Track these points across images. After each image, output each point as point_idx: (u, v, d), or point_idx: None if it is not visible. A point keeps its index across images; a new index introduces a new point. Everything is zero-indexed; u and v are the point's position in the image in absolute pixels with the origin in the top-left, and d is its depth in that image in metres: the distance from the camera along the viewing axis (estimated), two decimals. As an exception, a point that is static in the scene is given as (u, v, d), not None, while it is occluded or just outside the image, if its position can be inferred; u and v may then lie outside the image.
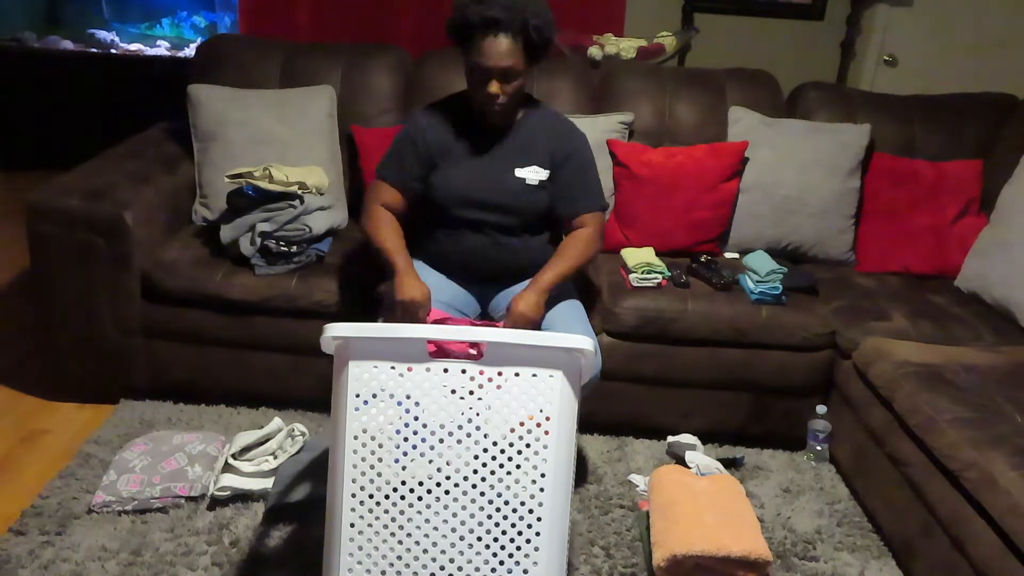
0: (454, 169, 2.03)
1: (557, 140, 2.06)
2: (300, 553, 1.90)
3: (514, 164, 2.03)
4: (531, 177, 2.04)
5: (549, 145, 2.05)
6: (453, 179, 2.03)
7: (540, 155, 2.05)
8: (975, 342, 2.22)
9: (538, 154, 2.04)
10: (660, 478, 2.07)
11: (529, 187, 2.03)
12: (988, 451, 1.69)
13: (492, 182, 2.03)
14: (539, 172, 2.04)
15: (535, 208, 2.07)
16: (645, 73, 2.88)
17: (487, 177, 2.03)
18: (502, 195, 2.03)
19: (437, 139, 2.04)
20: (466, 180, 2.03)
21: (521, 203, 2.04)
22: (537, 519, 1.36)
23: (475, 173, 2.03)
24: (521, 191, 2.03)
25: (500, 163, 2.04)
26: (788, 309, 2.34)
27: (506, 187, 2.03)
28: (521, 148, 2.04)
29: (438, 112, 2.08)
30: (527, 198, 2.04)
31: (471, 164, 2.04)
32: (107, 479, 2.05)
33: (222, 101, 2.58)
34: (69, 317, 2.35)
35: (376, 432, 1.37)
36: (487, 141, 2.05)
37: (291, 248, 2.32)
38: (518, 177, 2.03)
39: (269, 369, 2.41)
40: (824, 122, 2.75)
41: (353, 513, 1.37)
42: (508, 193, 2.03)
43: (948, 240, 2.60)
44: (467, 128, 2.04)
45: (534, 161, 2.04)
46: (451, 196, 2.04)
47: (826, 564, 1.99)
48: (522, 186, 2.03)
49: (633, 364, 2.35)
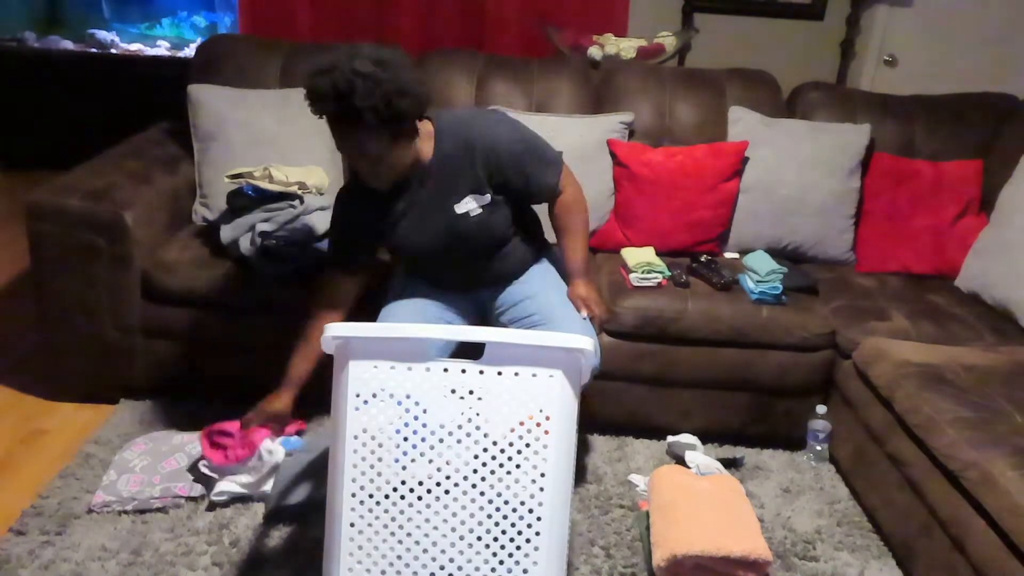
0: (396, 231, 1.93)
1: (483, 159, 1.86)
2: (300, 553, 1.90)
3: (450, 202, 1.89)
4: (474, 208, 1.89)
5: (477, 171, 1.87)
6: (400, 239, 1.94)
7: (471, 183, 1.89)
8: (975, 342, 2.22)
9: (468, 183, 1.89)
10: (660, 478, 2.07)
11: (476, 218, 1.90)
12: (988, 451, 1.69)
13: (438, 229, 1.91)
14: (479, 199, 1.89)
15: (493, 233, 1.96)
16: (645, 73, 2.88)
17: (431, 227, 1.91)
18: (453, 237, 1.91)
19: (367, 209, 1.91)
20: (413, 238, 1.93)
21: (476, 235, 1.93)
22: (537, 519, 1.36)
23: (417, 228, 1.92)
24: (471, 224, 1.90)
25: (435, 207, 1.90)
26: (788, 309, 2.34)
27: (454, 227, 1.90)
28: (448, 184, 1.88)
29: (351, 188, 1.95)
30: (479, 229, 1.92)
31: (408, 219, 1.91)
32: (107, 479, 2.05)
33: (222, 101, 2.58)
34: (69, 317, 2.35)
35: (376, 432, 1.37)
36: (411, 192, 1.90)
37: (291, 248, 2.32)
38: (460, 213, 1.89)
39: (269, 369, 2.40)
40: (824, 122, 2.76)
41: (353, 513, 1.37)
42: (458, 233, 1.91)
43: (948, 240, 2.60)
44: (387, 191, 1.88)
45: (466, 191, 1.89)
46: (411, 253, 1.98)
47: (826, 564, 2.00)
48: (468, 220, 1.90)
49: (633, 364, 2.35)
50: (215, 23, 4.81)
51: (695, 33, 3.75)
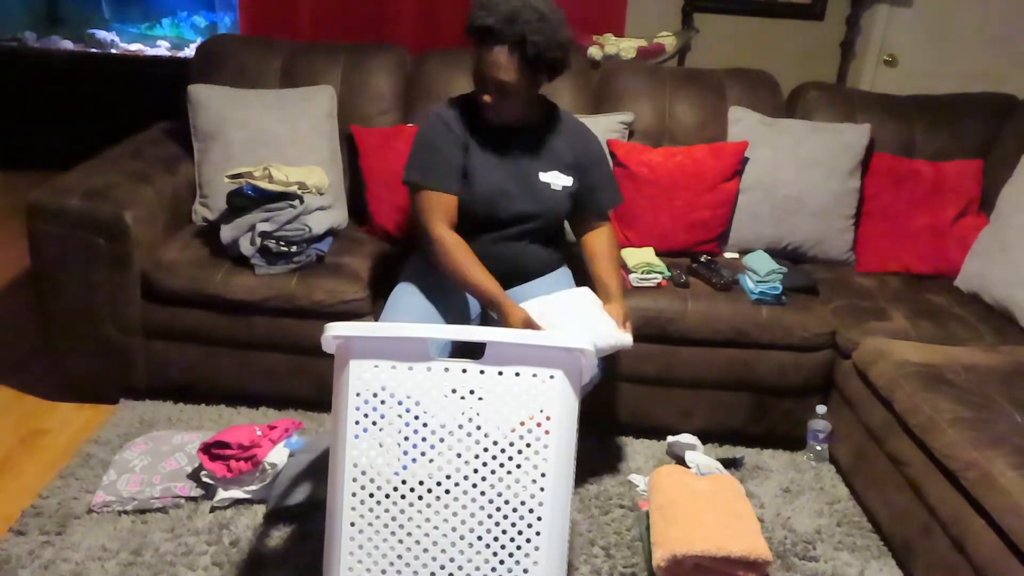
0: (480, 172, 1.98)
1: (579, 145, 2.07)
2: (300, 553, 1.90)
3: (538, 168, 2.03)
4: (555, 182, 2.04)
5: (572, 151, 2.05)
6: (482, 182, 1.98)
7: (562, 161, 2.04)
8: (975, 342, 2.22)
9: (560, 160, 2.04)
10: (660, 478, 2.07)
11: (555, 192, 2.04)
12: (988, 451, 1.69)
13: (519, 185, 2.01)
14: (561, 178, 2.04)
15: (558, 213, 2.08)
16: (645, 73, 2.88)
17: (514, 181, 2.01)
18: (529, 199, 2.02)
19: (463, 135, 1.98)
20: (495, 183, 1.99)
21: (547, 207, 2.04)
22: (537, 519, 1.36)
23: (502, 176, 2.00)
24: (547, 196, 2.03)
25: (524, 167, 2.02)
26: (788, 309, 2.34)
27: (533, 191, 2.02)
28: (543, 152, 2.03)
29: (456, 108, 2.01)
30: (553, 203, 2.05)
31: (496, 167, 2.00)
32: (107, 479, 2.05)
33: (222, 101, 2.58)
34: (69, 317, 2.35)
35: (376, 432, 1.37)
36: (508, 143, 2.01)
37: (291, 248, 2.32)
38: (543, 182, 2.03)
39: (269, 369, 2.41)
40: (824, 122, 2.75)
41: (353, 512, 1.37)
42: (535, 197, 2.02)
43: (948, 240, 2.60)
44: (486, 129, 1.99)
45: (555, 166, 2.04)
46: (480, 199, 1.99)
47: (826, 564, 2.00)
48: (548, 191, 2.03)
49: (633, 364, 2.35)
50: (215, 23, 4.81)
51: (695, 33, 3.75)
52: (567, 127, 2.08)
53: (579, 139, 2.08)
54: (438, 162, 1.95)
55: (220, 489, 2.03)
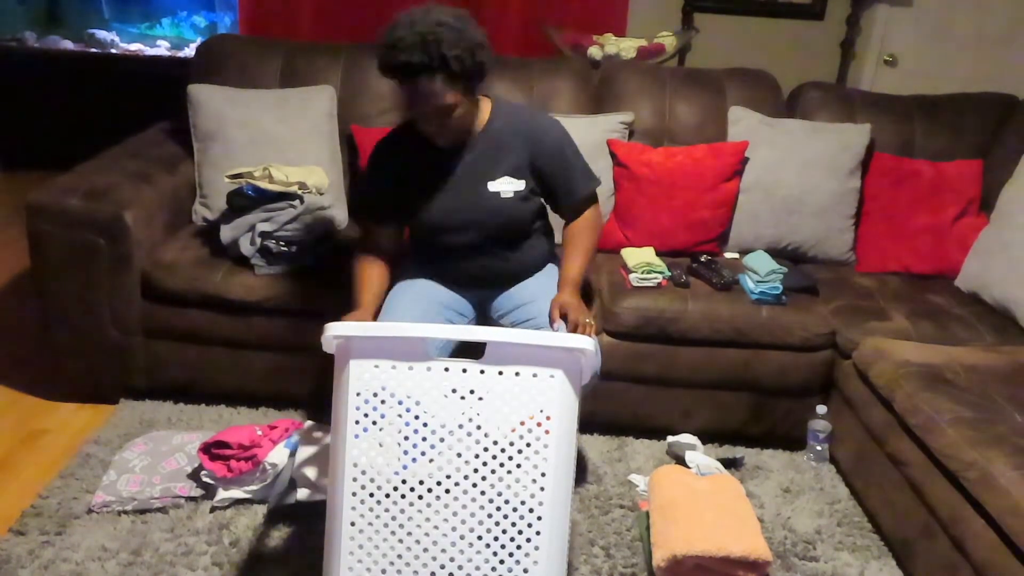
0: (426, 198, 1.95)
1: (529, 145, 1.95)
2: (300, 553, 1.90)
3: (485, 179, 1.94)
4: (505, 189, 1.94)
5: (521, 153, 1.95)
6: (426, 208, 1.95)
7: (511, 165, 1.95)
8: (975, 342, 2.22)
9: (509, 164, 1.95)
10: (660, 478, 2.07)
11: (506, 200, 1.95)
12: (988, 451, 1.69)
13: (468, 201, 1.95)
14: (512, 183, 1.95)
15: (517, 220, 2.00)
16: (645, 73, 2.88)
17: (461, 198, 1.95)
18: (479, 213, 1.95)
19: (398, 170, 1.96)
20: (439, 206, 1.95)
21: (502, 218, 1.97)
22: (537, 519, 1.36)
23: (448, 196, 1.95)
24: (499, 206, 1.95)
25: (470, 181, 1.94)
26: (788, 309, 2.34)
27: (482, 205, 1.95)
28: (489, 161, 1.94)
29: (397, 139, 1.99)
30: (506, 212, 1.96)
31: (440, 188, 1.95)
32: (107, 479, 2.05)
33: (222, 101, 2.58)
34: (69, 317, 2.35)
35: (376, 432, 1.37)
36: (452, 160, 1.94)
37: (291, 248, 2.32)
38: (492, 191, 1.94)
39: (269, 369, 2.41)
40: (824, 122, 2.75)
41: (353, 512, 1.37)
42: (485, 210, 1.95)
43: (948, 240, 2.60)
44: (427, 151, 1.92)
45: (504, 172, 1.94)
46: (431, 225, 1.98)
47: (826, 564, 1.99)
48: (498, 200, 1.95)
49: (633, 364, 2.35)
50: (215, 23, 4.81)
51: (695, 33, 3.76)
52: (513, 128, 1.95)
53: (528, 138, 1.95)
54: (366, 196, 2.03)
55: (220, 489, 2.03)
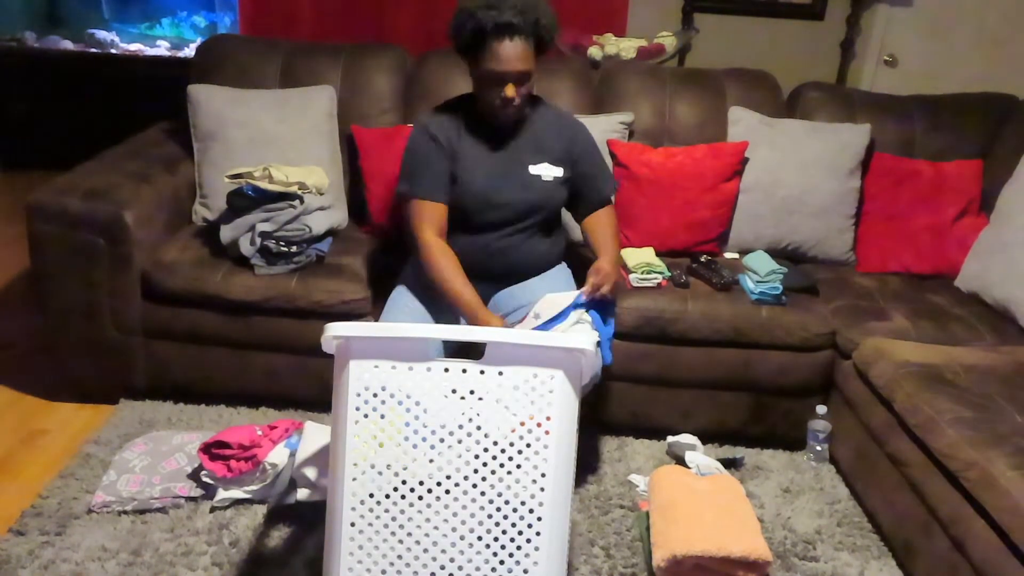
0: (470, 172, 2.03)
1: (568, 137, 2.10)
2: (300, 553, 1.90)
3: (527, 162, 2.06)
4: (546, 174, 2.07)
5: (560, 143, 2.09)
6: (472, 182, 2.03)
7: (552, 153, 2.08)
8: (975, 342, 2.22)
9: (550, 151, 2.07)
10: (660, 478, 2.07)
11: (546, 184, 2.07)
12: (988, 451, 1.69)
13: (510, 180, 2.05)
14: (552, 169, 2.07)
15: (554, 204, 2.11)
16: (645, 73, 2.88)
17: (505, 176, 2.05)
18: (522, 192, 2.05)
19: (448, 143, 2.04)
20: (485, 181, 2.04)
21: (541, 199, 2.07)
22: (537, 519, 1.36)
23: (492, 173, 2.04)
24: (540, 188, 2.06)
25: (513, 162, 2.06)
26: (788, 309, 2.34)
27: (525, 184, 2.05)
28: (531, 146, 2.07)
29: (441, 116, 2.08)
30: (546, 194, 2.07)
31: (486, 165, 2.04)
32: (107, 479, 2.05)
33: (222, 101, 2.58)
34: (69, 317, 2.35)
35: (376, 432, 1.37)
36: (496, 141, 2.06)
37: (291, 248, 2.32)
38: (533, 174, 2.06)
39: (269, 369, 2.41)
40: (824, 122, 2.75)
41: (353, 513, 1.37)
42: (527, 190, 2.05)
43: (948, 240, 2.60)
44: (474, 130, 2.05)
45: (546, 158, 2.07)
46: (472, 199, 2.04)
47: (826, 564, 1.99)
48: (540, 183, 2.06)
49: (633, 364, 2.35)
50: (215, 23, 4.81)
51: (695, 33, 3.75)
52: (554, 119, 2.11)
53: (566, 130, 2.11)
54: (425, 173, 2.02)
55: (220, 489, 2.03)
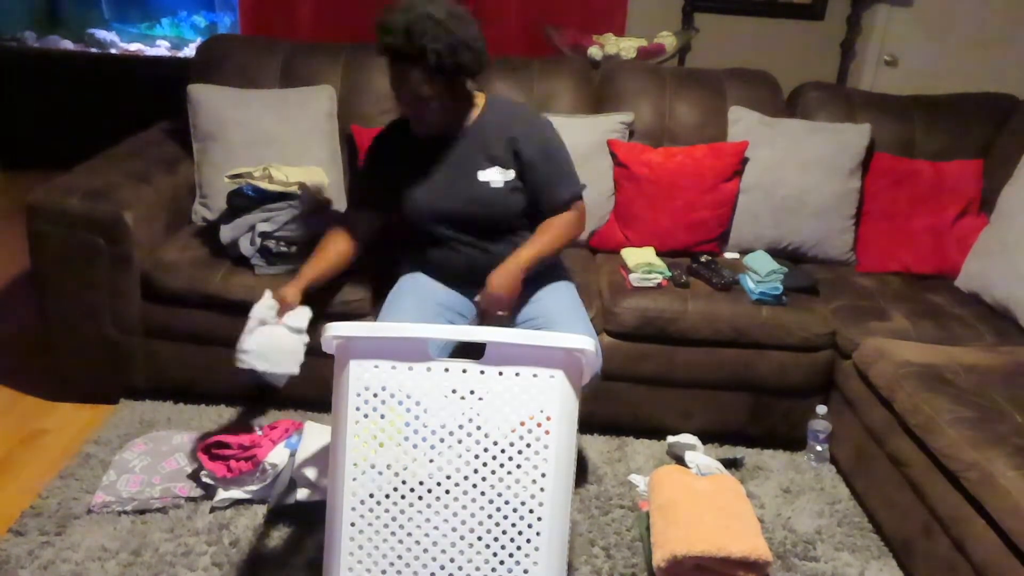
0: (415, 186, 2.01)
1: (519, 137, 1.97)
2: (300, 553, 1.90)
3: (475, 168, 1.98)
4: (495, 179, 1.98)
5: (510, 145, 1.97)
6: (417, 196, 2.01)
7: (501, 156, 1.98)
8: (975, 342, 2.22)
9: (499, 155, 1.98)
10: (660, 478, 2.07)
11: (496, 190, 1.98)
12: (988, 451, 1.69)
13: (454, 191, 1.99)
14: (503, 173, 1.98)
15: (508, 210, 2.01)
16: (645, 73, 2.88)
17: (449, 186, 1.99)
18: (467, 203, 1.98)
19: (390, 161, 2.02)
20: (430, 194, 2.00)
21: (493, 209, 1.99)
22: (537, 519, 1.36)
23: (435, 185, 2.00)
24: (489, 196, 1.98)
25: (460, 170, 1.99)
26: (788, 309, 2.34)
27: (472, 194, 1.98)
28: (479, 151, 1.98)
29: (387, 134, 2.08)
30: (497, 202, 1.99)
31: (431, 177, 2.00)
32: (107, 479, 2.05)
33: (222, 101, 2.58)
34: (69, 317, 2.35)
35: (376, 432, 1.37)
36: (442, 151, 2.00)
37: (291, 248, 2.32)
38: (482, 181, 1.97)
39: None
40: (824, 122, 2.75)
41: (353, 513, 1.37)
42: (475, 200, 1.98)
43: (948, 240, 2.60)
44: (419, 143, 1.99)
45: (495, 163, 1.98)
46: (419, 213, 2.02)
47: (826, 564, 1.99)
48: (488, 190, 1.97)
49: (633, 364, 2.35)
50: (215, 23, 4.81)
51: (695, 33, 3.75)
52: (502, 119, 1.99)
53: (515, 128, 1.97)
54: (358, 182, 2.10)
55: (220, 489, 2.03)
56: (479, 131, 1.99)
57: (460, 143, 2.00)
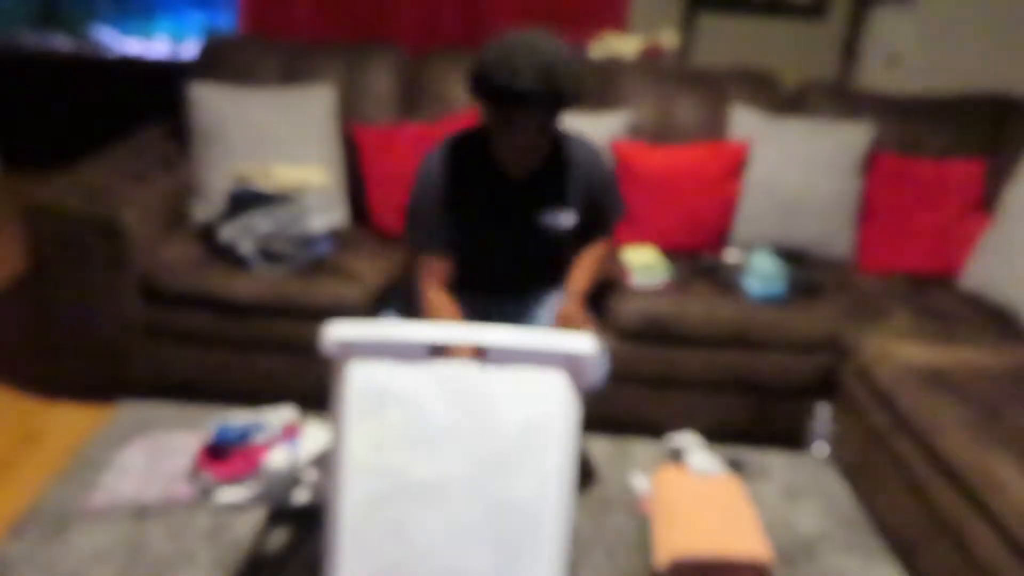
0: (468, 217, 1.89)
1: (589, 176, 1.92)
2: (300, 554, 1.89)
3: (539, 210, 1.90)
4: (558, 224, 1.91)
5: (581, 183, 1.91)
6: (467, 229, 1.90)
7: (570, 195, 1.91)
8: (979, 343, 2.21)
9: (567, 195, 1.91)
10: (661, 479, 2.06)
11: (556, 234, 1.93)
12: (992, 452, 1.68)
13: (513, 230, 1.91)
14: (567, 217, 1.92)
15: (559, 248, 1.99)
16: (645, 73, 2.87)
17: (508, 225, 1.91)
18: (523, 242, 1.94)
19: (451, 190, 1.87)
20: (482, 229, 1.91)
21: (543, 250, 1.97)
22: (538, 520, 1.36)
23: (493, 222, 1.91)
24: (545, 239, 1.93)
25: (521, 210, 1.90)
26: (790, 309, 2.34)
27: (529, 235, 1.92)
28: (548, 189, 1.89)
29: (450, 154, 1.88)
30: (551, 245, 1.95)
31: (488, 211, 1.89)
32: (106, 479, 2.05)
33: (222, 101, 2.58)
34: (68, 317, 2.34)
35: (377, 432, 1.36)
36: (506, 184, 1.88)
37: (291, 248, 2.32)
38: (543, 225, 1.91)
39: (269, 369, 2.40)
40: (826, 121, 2.75)
41: (353, 513, 1.36)
42: (529, 242, 1.93)
43: (951, 240, 2.59)
44: (483, 168, 1.86)
45: (562, 202, 1.90)
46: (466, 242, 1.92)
47: (828, 566, 1.98)
48: (547, 235, 1.92)
49: (634, 364, 2.34)
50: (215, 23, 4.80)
51: (696, 32, 3.75)
52: (577, 155, 1.91)
53: (589, 171, 1.93)
54: (428, 224, 1.90)
55: (220, 489, 2.02)
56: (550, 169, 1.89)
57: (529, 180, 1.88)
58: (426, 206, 1.89)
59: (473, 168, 1.86)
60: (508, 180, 1.87)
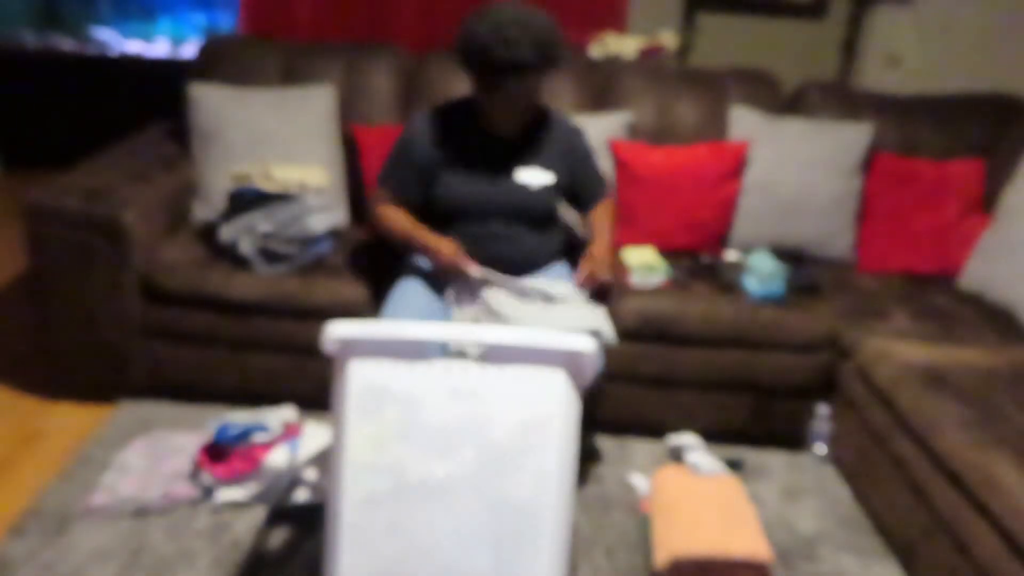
0: (453, 177, 2.05)
1: (567, 144, 2.13)
2: (300, 553, 1.90)
3: (518, 169, 2.07)
4: (535, 182, 2.07)
5: (560, 149, 2.12)
6: (452, 185, 2.05)
7: (547, 158, 2.09)
8: (978, 343, 2.21)
9: (544, 157, 2.09)
10: (661, 479, 2.06)
11: (533, 192, 2.08)
12: (991, 453, 1.68)
13: (494, 187, 2.05)
14: (542, 176, 2.08)
15: (540, 210, 2.11)
16: (645, 73, 2.87)
17: (490, 182, 2.05)
18: (505, 198, 2.06)
19: (435, 146, 2.05)
20: (466, 187, 2.05)
21: (524, 206, 2.08)
22: (537, 519, 1.36)
23: (476, 179, 2.05)
24: (525, 196, 2.07)
25: (502, 169, 2.07)
26: (790, 309, 2.34)
27: (509, 192, 2.06)
28: (526, 152, 2.08)
29: (438, 118, 2.09)
30: (531, 202, 2.09)
31: (472, 171, 2.06)
32: (106, 480, 2.05)
33: (222, 101, 2.58)
34: (68, 317, 2.34)
35: (377, 432, 1.37)
36: (489, 146, 2.07)
37: (291, 248, 2.32)
38: (521, 183, 2.07)
39: (269, 369, 2.40)
40: (826, 122, 2.75)
41: (353, 513, 1.36)
42: (511, 197, 2.07)
43: (950, 240, 2.59)
44: (469, 133, 2.06)
45: (537, 163, 2.08)
46: (451, 201, 2.06)
47: (827, 566, 1.99)
48: (525, 192, 2.07)
49: (634, 364, 2.34)
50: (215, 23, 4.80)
51: (696, 32, 3.75)
52: (553, 125, 2.13)
53: (566, 136, 2.14)
54: (398, 170, 2.09)
55: (220, 490, 2.02)
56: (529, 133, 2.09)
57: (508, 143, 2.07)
58: (404, 159, 2.08)
59: (459, 126, 2.06)
60: (491, 137, 2.06)
